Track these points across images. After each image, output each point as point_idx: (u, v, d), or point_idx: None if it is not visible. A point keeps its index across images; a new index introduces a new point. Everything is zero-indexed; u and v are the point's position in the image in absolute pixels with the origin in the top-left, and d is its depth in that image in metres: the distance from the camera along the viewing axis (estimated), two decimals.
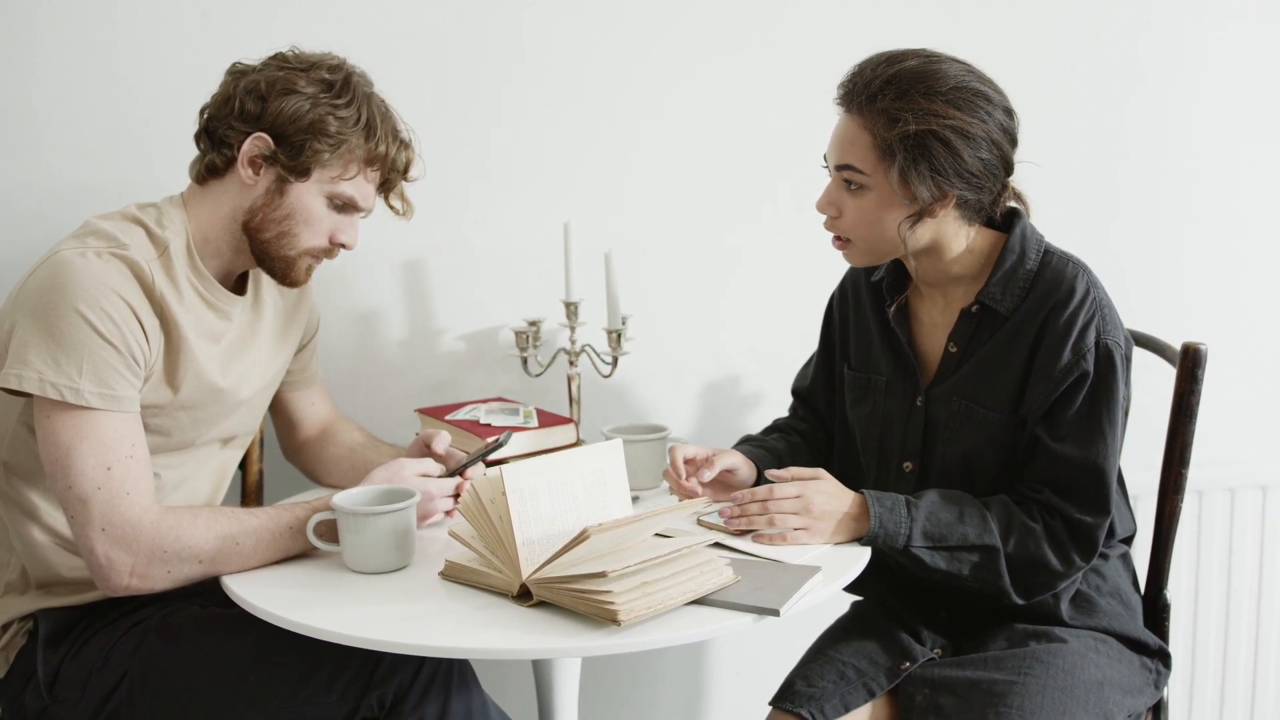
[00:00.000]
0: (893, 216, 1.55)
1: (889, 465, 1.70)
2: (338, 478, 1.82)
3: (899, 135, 1.49)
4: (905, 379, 1.69)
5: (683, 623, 1.29)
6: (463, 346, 2.14)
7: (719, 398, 2.27)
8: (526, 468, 1.39)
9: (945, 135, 1.49)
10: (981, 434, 1.60)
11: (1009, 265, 1.59)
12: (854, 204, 1.56)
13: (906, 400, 1.68)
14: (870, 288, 1.76)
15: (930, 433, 1.65)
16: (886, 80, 1.52)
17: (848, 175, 1.55)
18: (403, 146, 1.63)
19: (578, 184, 2.14)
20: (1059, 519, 1.54)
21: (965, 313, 1.62)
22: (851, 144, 1.54)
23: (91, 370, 1.41)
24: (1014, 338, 1.58)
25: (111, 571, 1.42)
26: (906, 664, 1.57)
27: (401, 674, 1.48)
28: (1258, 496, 2.36)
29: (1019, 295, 1.58)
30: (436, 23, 2.04)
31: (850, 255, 1.63)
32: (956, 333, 1.63)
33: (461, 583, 1.43)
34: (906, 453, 1.67)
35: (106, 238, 1.48)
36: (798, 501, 1.54)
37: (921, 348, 1.69)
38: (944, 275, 1.63)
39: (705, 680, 2.40)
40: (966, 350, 1.63)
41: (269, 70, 1.56)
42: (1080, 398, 1.53)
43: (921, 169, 1.50)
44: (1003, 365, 1.58)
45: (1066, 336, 1.53)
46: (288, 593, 1.41)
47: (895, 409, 1.69)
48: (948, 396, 1.63)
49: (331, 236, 1.60)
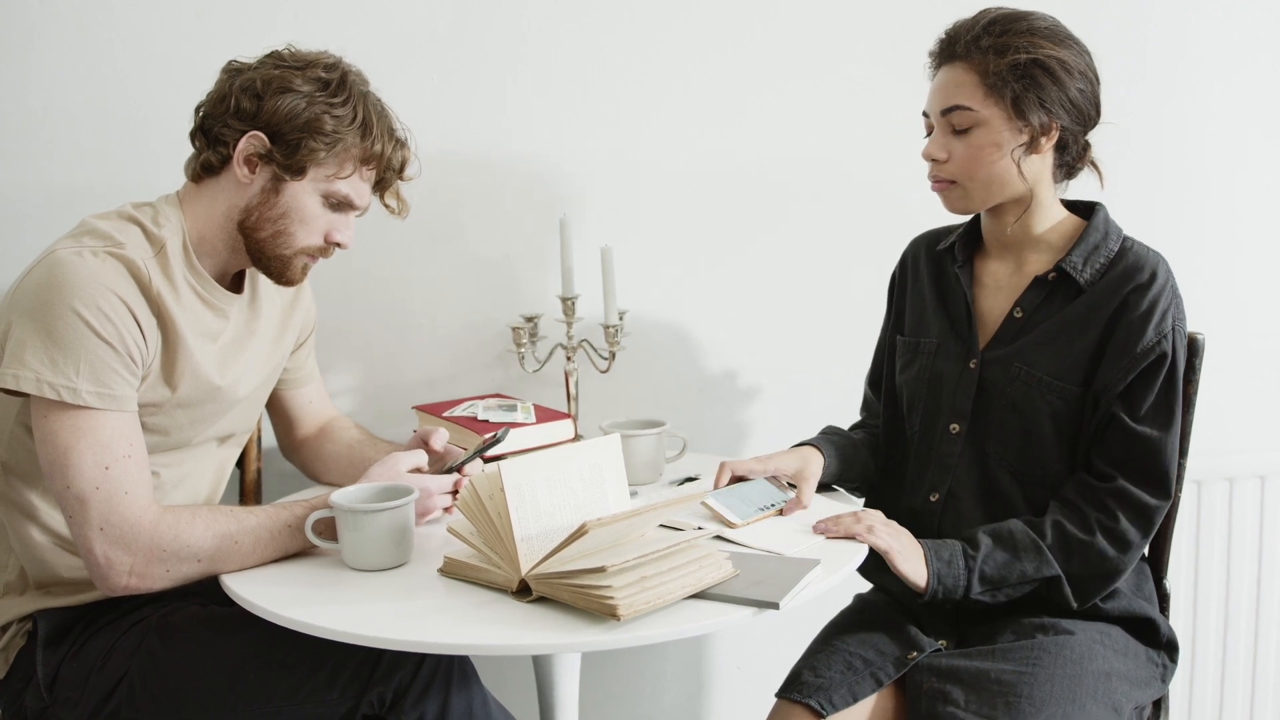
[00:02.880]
0: (1003, 151, 1.59)
1: (934, 427, 1.72)
2: (336, 475, 1.82)
3: (1010, 64, 1.55)
4: (959, 341, 1.71)
5: (682, 617, 1.29)
6: (460, 342, 2.14)
7: (716, 392, 2.28)
8: (524, 463, 1.39)
9: (1050, 64, 1.56)
10: (1042, 402, 1.61)
11: (1093, 240, 1.63)
12: (963, 144, 1.60)
13: (959, 362, 1.70)
14: (931, 257, 1.81)
15: (983, 396, 1.67)
16: (987, 24, 1.59)
17: (956, 117, 1.60)
18: (399, 145, 1.62)
19: (574, 178, 2.14)
20: (1122, 508, 1.56)
21: (1040, 279, 1.65)
22: (958, 86, 1.59)
23: (89, 370, 1.41)
24: (1091, 310, 1.60)
25: (110, 571, 1.42)
26: (914, 654, 1.57)
27: (402, 671, 1.48)
28: (1256, 486, 2.36)
29: (1100, 269, 1.61)
30: (432, 19, 2.04)
31: (952, 199, 1.66)
32: (1025, 298, 1.66)
33: (460, 579, 1.43)
34: (955, 414, 1.69)
35: (103, 237, 1.48)
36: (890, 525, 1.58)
37: (982, 311, 1.71)
38: (1025, 237, 1.67)
39: (706, 674, 2.40)
40: (1032, 317, 1.65)
41: (265, 68, 1.55)
42: (1159, 380, 1.56)
43: (1031, 96, 1.56)
44: (1074, 336, 1.60)
45: (1150, 316, 1.56)
46: (287, 591, 1.41)
47: (946, 370, 1.71)
48: (1007, 361, 1.65)
49: (327, 235, 1.60)
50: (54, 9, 1.87)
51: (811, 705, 1.51)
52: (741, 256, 2.23)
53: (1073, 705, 1.46)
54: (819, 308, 2.22)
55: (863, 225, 2.22)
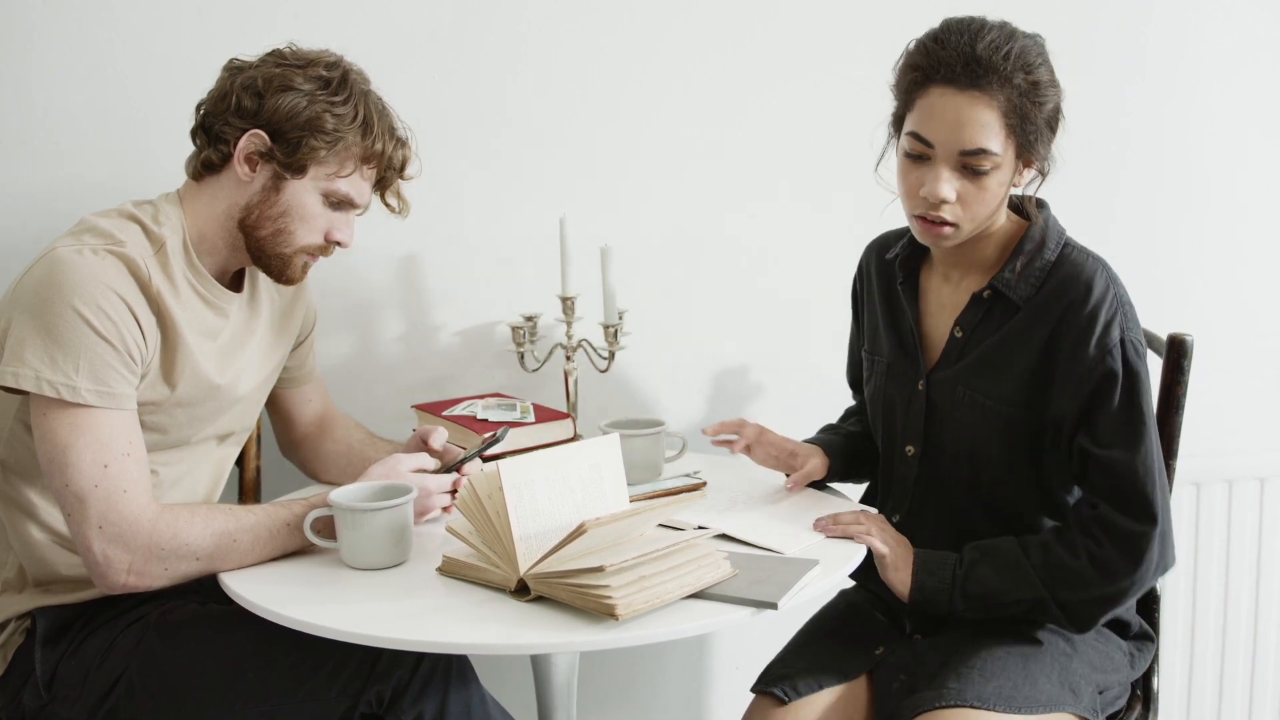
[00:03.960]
0: (1006, 190, 1.53)
1: (892, 449, 1.69)
2: (335, 474, 1.82)
3: (1051, 109, 1.49)
4: (907, 361, 1.65)
5: (681, 616, 1.29)
6: (460, 342, 2.14)
7: (716, 392, 2.28)
8: (523, 463, 1.39)
9: (1060, 107, 1.51)
10: (986, 425, 1.56)
11: (1027, 252, 1.55)
12: (977, 188, 1.49)
13: (908, 384, 1.65)
14: (881, 267, 1.74)
15: (933, 419, 1.62)
16: (1014, 54, 1.46)
17: (978, 161, 1.47)
18: (399, 144, 1.62)
19: (574, 178, 2.14)
20: (1107, 535, 1.49)
21: (976, 297, 1.58)
22: (984, 127, 1.46)
23: (88, 368, 1.41)
24: (1027, 329, 1.53)
25: (109, 569, 1.42)
26: (881, 649, 1.58)
27: (400, 670, 1.48)
28: (1255, 488, 2.36)
29: (1034, 284, 1.54)
30: (433, 19, 2.04)
31: (948, 240, 1.54)
32: (964, 317, 1.59)
33: (459, 578, 1.43)
34: (909, 436, 1.65)
35: (103, 235, 1.48)
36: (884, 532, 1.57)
37: (927, 330, 1.65)
38: (970, 253, 1.59)
39: (705, 674, 2.40)
40: (973, 336, 1.58)
41: (266, 67, 1.55)
42: (1115, 399, 1.48)
43: (1046, 140, 1.51)
44: (1012, 356, 1.54)
45: (1089, 334, 1.48)
46: (286, 589, 1.41)
47: (896, 392, 1.66)
48: (950, 383, 1.59)
49: (327, 234, 1.60)
50: (55, 7, 1.87)
51: (776, 694, 1.53)
52: (742, 256, 2.23)
53: (1024, 678, 1.47)
54: (820, 308, 2.21)
55: (864, 225, 2.22)
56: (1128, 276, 1.57)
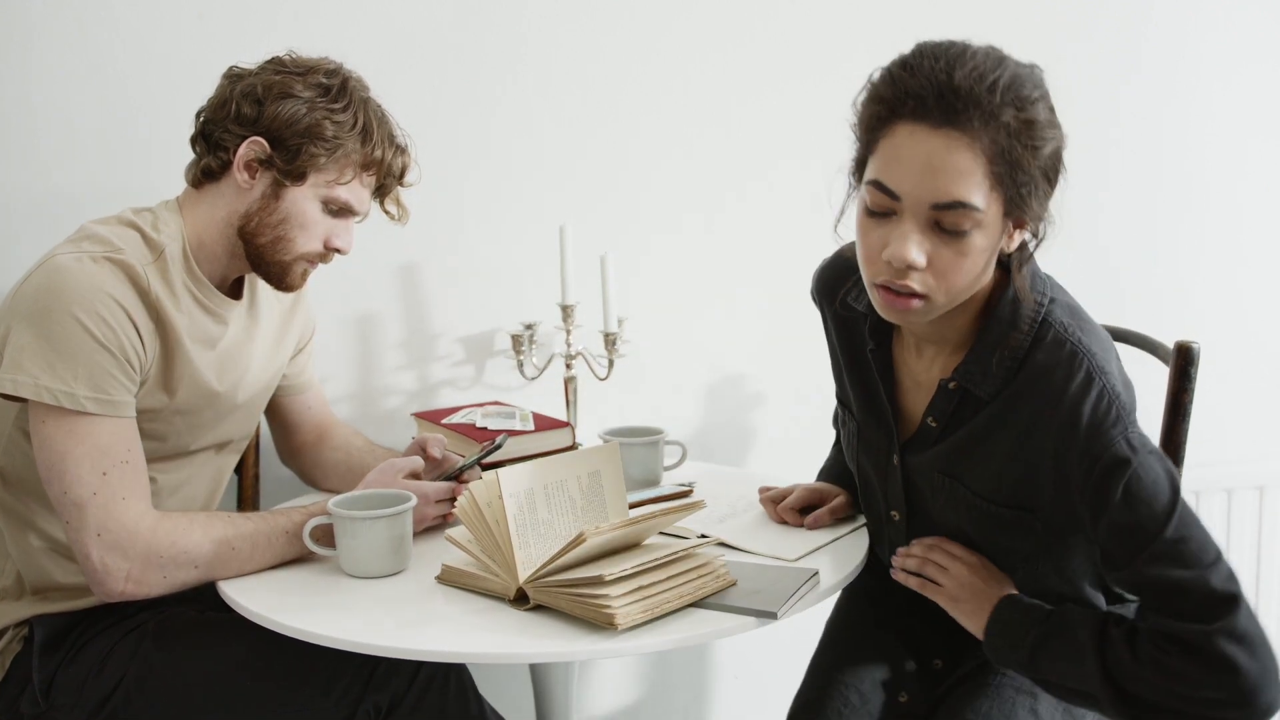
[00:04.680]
0: (990, 255, 1.24)
1: (875, 508, 1.53)
2: (334, 482, 1.81)
3: (1049, 156, 1.21)
4: (880, 433, 1.45)
5: (680, 626, 1.29)
6: (459, 350, 2.14)
7: (715, 400, 2.27)
8: (523, 471, 1.39)
9: (1061, 149, 1.24)
10: (973, 517, 1.37)
11: (993, 337, 1.29)
12: (954, 253, 1.21)
13: (882, 455, 1.46)
14: (837, 314, 1.50)
15: (914, 494, 1.44)
16: (1002, 85, 1.18)
17: (954, 218, 1.20)
18: (399, 151, 1.63)
19: (573, 187, 2.14)
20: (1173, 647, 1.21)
21: (944, 387, 1.35)
22: (959, 174, 1.18)
23: (87, 375, 1.41)
24: (996, 428, 1.31)
25: (107, 577, 1.42)
26: (905, 696, 1.50)
27: (398, 679, 1.48)
28: (1255, 497, 2.36)
29: (1005, 376, 1.29)
30: (433, 27, 2.04)
31: (917, 316, 1.26)
32: (935, 406, 1.36)
33: (458, 587, 1.42)
34: (891, 502, 1.48)
35: (102, 242, 1.48)
36: (954, 562, 1.39)
37: (901, 405, 1.43)
38: (942, 327, 1.34)
39: (704, 683, 2.39)
40: (947, 426, 1.36)
41: (265, 74, 1.55)
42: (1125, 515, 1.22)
43: (1042, 193, 1.23)
44: (989, 455, 1.32)
45: (1069, 453, 1.24)
46: (284, 598, 1.41)
47: (871, 459, 1.48)
48: (927, 469, 1.40)
49: (326, 241, 1.60)
50: (55, 12, 1.87)
51: None
52: (741, 264, 2.23)
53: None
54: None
55: None
56: (1125, 282, 1.54)
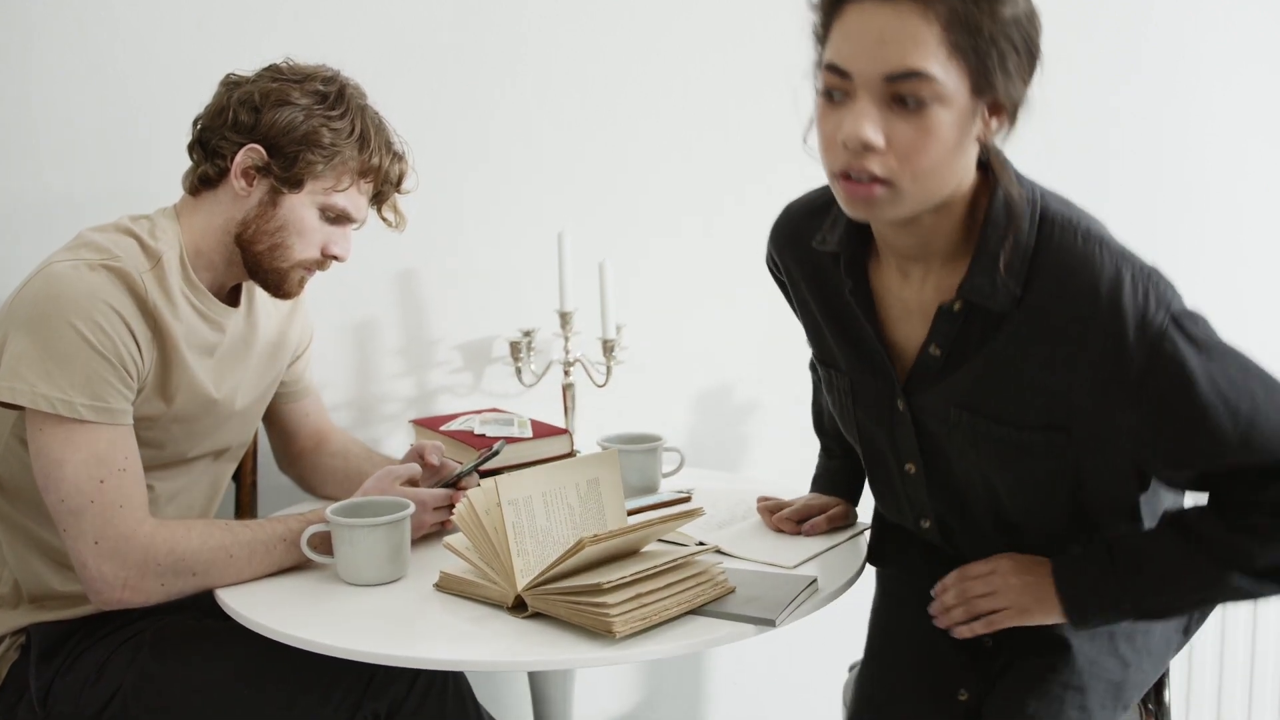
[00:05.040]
0: (962, 138, 1.14)
1: (886, 467, 1.41)
2: (332, 489, 1.81)
3: (1017, 22, 1.12)
4: (876, 379, 1.33)
5: (678, 634, 1.29)
6: (457, 357, 2.14)
7: (714, 407, 2.27)
8: (521, 478, 1.39)
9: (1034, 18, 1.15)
10: (998, 456, 1.26)
11: (996, 244, 1.19)
12: (915, 129, 1.11)
13: (883, 404, 1.33)
14: (802, 259, 1.38)
15: (928, 440, 1.32)
16: None
17: (909, 87, 1.10)
18: (396, 159, 1.63)
19: (572, 193, 2.14)
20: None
21: (945, 312, 1.24)
22: (912, 41, 1.09)
23: (84, 383, 1.40)
24: (1025, 346, 1.20)
25: (104, 585, 1.41)
26: (965, 693, 1.39)
27: (396, 686, 1.47)
28: None
29: (1015, 284, 1.19)
30: (431, 35, 2.04)
31: (883, 207, 1.16)
32: (939, 332, 1.25)
33: (456, 594, 1.42)
34: (904, 456, 1.36)
35: (99, 249, 1.48)
36: (989, 579, 1.31)
37: (892, 341, 1.30)
38: (925, 238, 1.23)
39: (702, 690, 2.39)
40: (954, 352, 1.25)
41: (263, 81, 1.55)
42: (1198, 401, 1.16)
43: (1017, 67, 1.13)
44: (1016, 374, 1.21)
45: (1122, 341, 1.14)
46: (282, 605, 1.41)
47: (871, 417, 1.36)
48: (939, 406, 1.28)
49: (324, 248, 1.60)
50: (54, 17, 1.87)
51: None
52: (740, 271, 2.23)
53: None
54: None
55: None
56: None
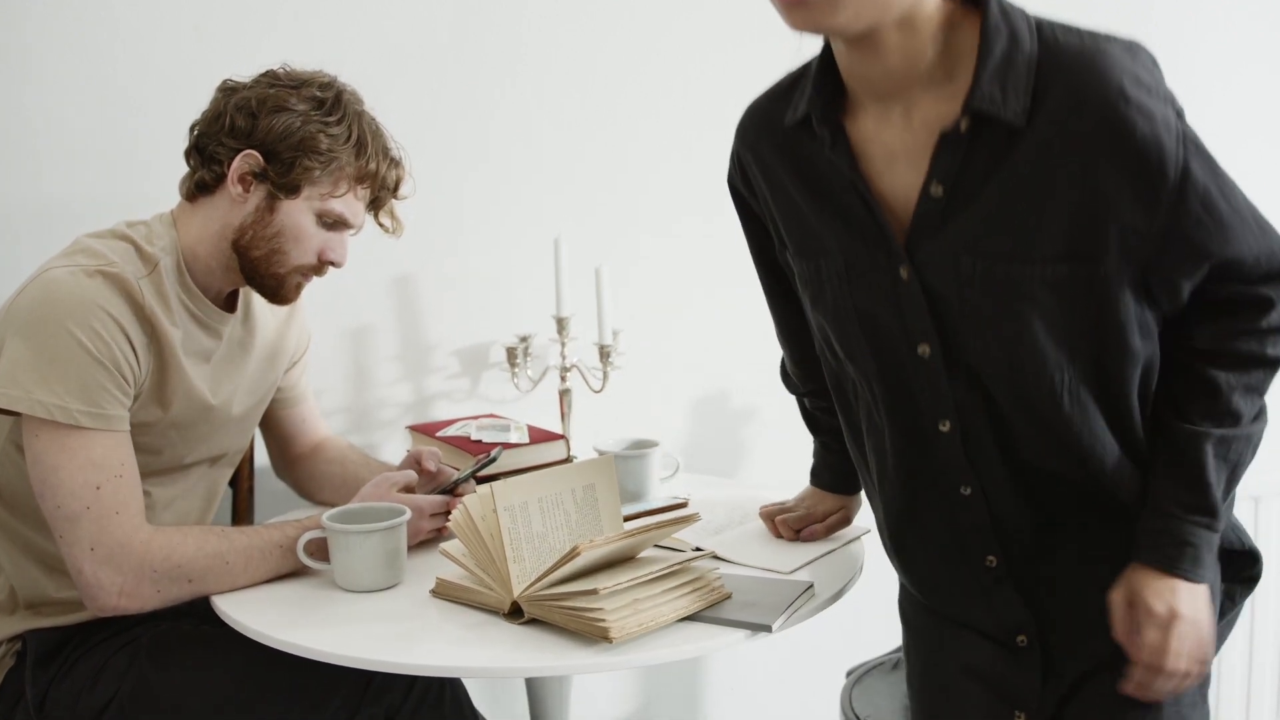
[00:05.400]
0: None
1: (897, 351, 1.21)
2: (329, 495, 1.81)
3: None
4: (871, 247, 1.19)
5: (675, 639, 1.29)
6: (453, 362, 2.14)
7: (711, 412, 2.27)
8: (517, 484, 1.39)
9: None
10: (1020, 302, 1.12)
11: (1001, 50, 1.09)
12: None
13: (884, 277, 1.19)
14: (777, 145, 1.26)
15: (940, 310, 1.17)
16: None
17: None
18: (393, 164, 1.63)
19: (568, 199, 2.15)
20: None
21: (950, 137, 1.12)
22: None
23: (81, 389, 1.40)
24: (1045, 157, 1.10)
25: (100, 591, 1.41)
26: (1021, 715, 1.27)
27: (392, 693, 1.47)
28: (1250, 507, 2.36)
29: (1024, 89, 1.09)
30: (428, 42, 2.05)
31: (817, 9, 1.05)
32: (940, 167, 1.13)
33: (453, 600, 1.42)
34: (915, 335, 1.19)
35: (96, 256, 1.48)
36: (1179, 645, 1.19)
37: (882, 193, 1.18)
38: (902, 67, 1.12)
39: (699, 696, 2.39)
40: (959, 188, 1.13)
41: (260, 87, 1.55)
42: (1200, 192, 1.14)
43: None
44: (1035, 199, 1.10)
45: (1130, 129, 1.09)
46: (278, 612, 1.41)
47: (872, 296, 1.21)
48: (949, 256, 1.14)
49: (321, 254, 1.59)
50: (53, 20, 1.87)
51: None
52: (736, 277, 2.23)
53: None
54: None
55: None
56: None
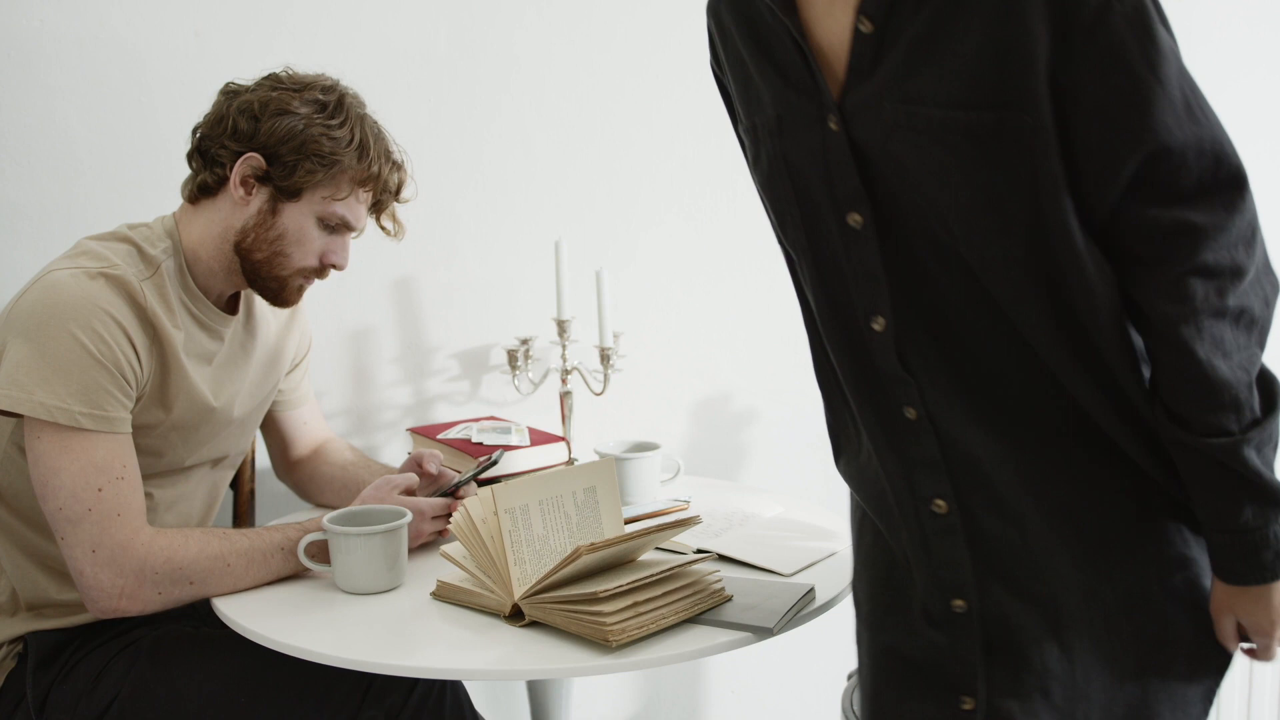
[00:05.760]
0: None
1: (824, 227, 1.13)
2: (330, 497, 1.81)
3: None
4: (802, 96, 1.12)
5: (675, 642, 1.29)
6: (454, 365, 2.14)
7: (711, 415, 2.28)
8: (518, 487, 1.39)
9: None
10: (949, 155, 1.04)
11: None
12: None
13: (813, 128, 1.11)
14: (737, 10, 1.19)
15: (869, 167, 1.09)
16: None
17: None
18: (395, 167, 1.63)
19: (569, 201, 2.15)
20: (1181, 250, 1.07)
21: None
22: None
23: (83, 391, 1.41)
24: None
25: (101, 593, 1.41)
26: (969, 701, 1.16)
27: (393, 696, 1.47)
28: None
29: None
30: (429, 45, 2.05)
31: None
32: (868, 2, 1.05)
33: (453, 603, 1.42)
34: (846, 201, 1.10)
35: (98, 258, 1.48)
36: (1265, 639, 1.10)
37: (817, 42, 1.10)
38: None
39: (700, 698, 2.39)
40: (889, 26, 1.05)
41: (262, 90, 1.56)
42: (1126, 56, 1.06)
43: None
44: (955, 35, 1.02)
45: None
46: (279, 614, 1.41)
47: (800, 146, 1.13)
48: (875, 105, 1.06)
49: (323, 257, 1.60)
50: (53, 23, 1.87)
51: None
52: (737, 280, 2.24)
53: None
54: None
55: None
56: None
